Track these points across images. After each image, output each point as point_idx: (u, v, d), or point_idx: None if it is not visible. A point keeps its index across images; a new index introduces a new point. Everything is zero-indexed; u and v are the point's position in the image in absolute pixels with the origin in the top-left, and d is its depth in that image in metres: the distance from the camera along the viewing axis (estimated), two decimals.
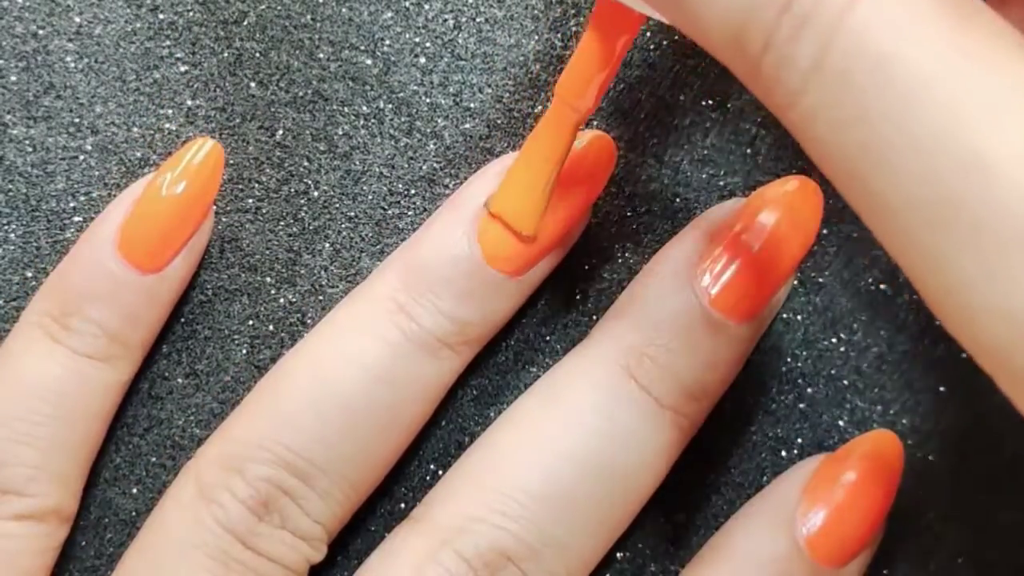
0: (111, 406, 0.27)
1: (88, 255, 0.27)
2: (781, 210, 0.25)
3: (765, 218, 0.25)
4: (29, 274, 0.28)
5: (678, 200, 0.27)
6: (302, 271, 0.28)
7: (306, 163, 0.28)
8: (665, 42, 0.28)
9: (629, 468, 0.25)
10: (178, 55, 0.29)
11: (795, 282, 0.27)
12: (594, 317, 0.27)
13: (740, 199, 0.27)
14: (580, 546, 0.24)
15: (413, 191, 0.28)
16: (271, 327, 0.28)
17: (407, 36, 0.28)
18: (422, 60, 0.28)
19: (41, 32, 0.29)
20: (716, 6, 0.18)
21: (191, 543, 0.25)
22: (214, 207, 0.28)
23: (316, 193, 0.28)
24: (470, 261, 0.25)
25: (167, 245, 0.27)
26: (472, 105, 0.28)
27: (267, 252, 0.28)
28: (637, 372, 0.25)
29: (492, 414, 0.27)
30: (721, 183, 0.27)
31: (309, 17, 0.29)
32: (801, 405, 0.27)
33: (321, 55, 0.28)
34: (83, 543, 0.28)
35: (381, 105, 0.28)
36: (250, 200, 0.28)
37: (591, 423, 0.25)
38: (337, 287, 0.28)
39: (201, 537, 0.25)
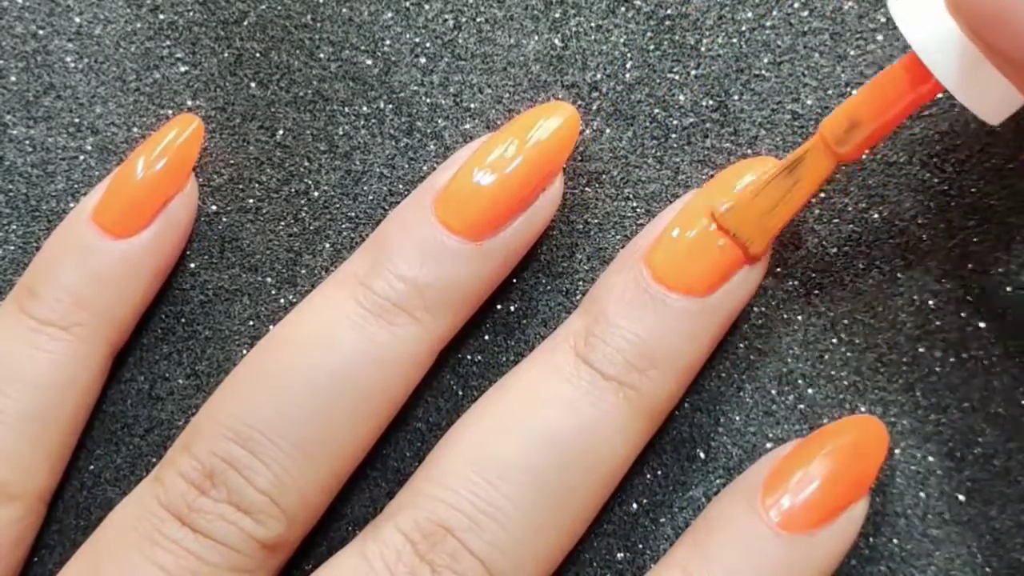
0: (80, 380, 0.27)
1: (64, 227, 0.27)
2: (734, 198, 0.25)
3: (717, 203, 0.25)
4: None
5: None
6: (302, 271, 0.28)
7: (306, 163, 0.28)
8: (666, 42, 0.28)
9: (574, 440, 0.24)
10: (178, 55, 0.29)
11: (795, 283, 0.27)
12: None
13: (697, 190, 0.27)
14: (524, 517, 0.24)
15: (413, 191, 0.28)
16: (271, 328, 0.28)
17: (407, 36, 0.28)
18: (422, 60, 0.28)
19: (41, 32, 0.29)
20: None
21: (131, 524, 0.25)
22: (213, 207, 0.28)
23: (316, 193, 0.28)
24: (424, 226, 0.25)
25: (138, 211, 0.27)
26: (472, 105, 0.28)
27: (268, 252, 0.28)
28: (583, 350, 0.25)
29: None
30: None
31: (309, 17, 0.29)
32: (801, 406, 0.27)
33: (321, 55, 0.28)
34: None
35: (381, 105, 0.28)
36: (250, 200, 0.28)
37: (533, 397, 0.25)
38: None
39: (138, 518, 0.25)
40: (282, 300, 0.28)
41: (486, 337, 0.28)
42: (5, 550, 0.26)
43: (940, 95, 0.26)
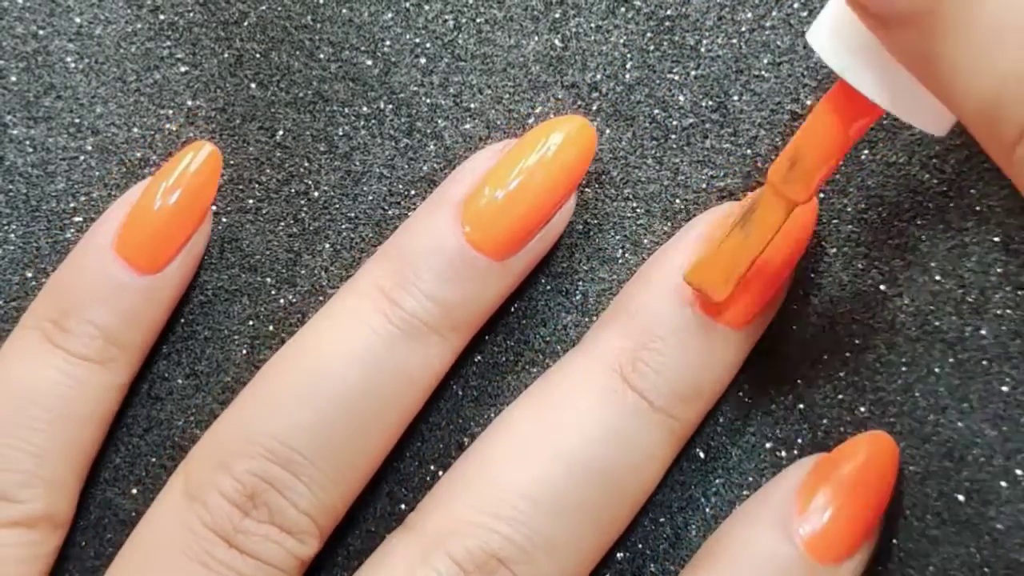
0: (108, 410, 0.27)
1: (86, 258, 0.27)
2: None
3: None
4: (29, 274, 0.29)
5: (678, 201, 0.27)
6: (302, 271, 0.28)
7: (306, 164, 0.28)
8: (665, 43, 0.28)
9: (621, 470, 0.25)
10: (178, 56, 0.29)
11: (795, 283, 0.27)
12: (594, 317, 0.27)
13: (734, 202, 0.27)
14: (574, 548, 0.24)
15: (413, 191, 0.28)
16: (271, 327, 0.28)
17: (407, 37, 0.28)
18: (422, 61, 0.28)
19: (41, 32, 0.29)
20: (969, 92, 0.19)
21: (173, 545, 0.25)
22: (213, 208, 0.28)
23: (316, 194, 0.28)
24: (452, 245, 0.25)
25: (165, 246, 0.27)
26: (472, 105, 0.28)
27: (267, 252, 0.28)
28: (630, 375, 0.25)
29: (492, 414, 0.27)
30: (721, 185, 0.27)
31: (309, 18, 0.29)
32: (800, 406, 0.27)
33: (321, 56, 0.28)
34: (83, 543, 0.28)
35: (381, 106, 0.28)
36: (250, 200, 0.28)
37: (583, 426, 0.25)
38: (337, 287, 0.28)
39: (184, 539, 0.25)
40: (282, 300, 0.28)
41: (486, 337, 0.28)
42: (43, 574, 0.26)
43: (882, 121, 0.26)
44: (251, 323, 0.28)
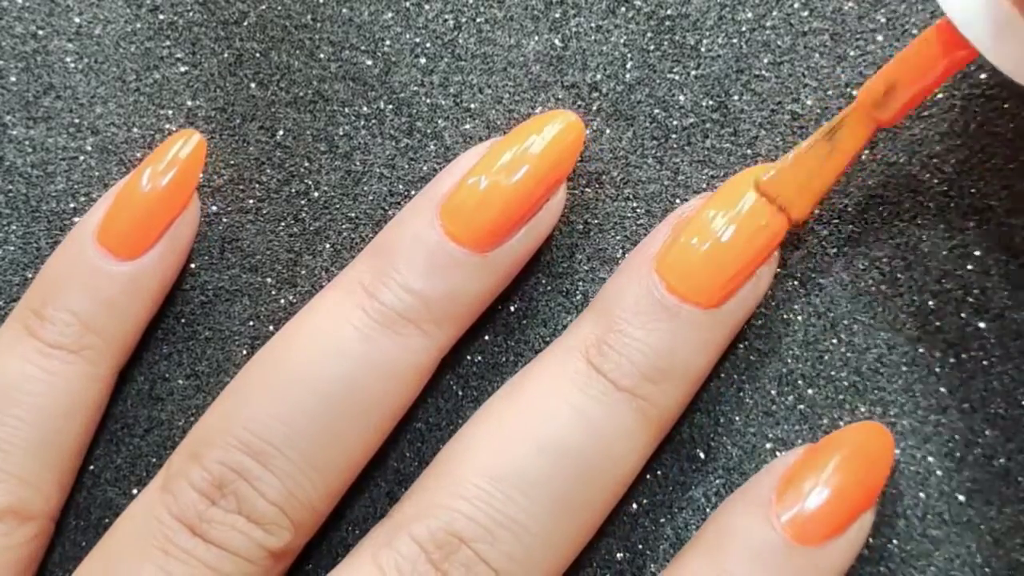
0: (89, 402, 0.27)
1: (68, 246, 0.27)
2: (743, 207, 0.25)
3: (725, 211, 0.25)
4: (29, 274, 0.29)
5: (678, 201, 0.27)
6: (303, 272, 0.28)
7: (306, 163, 0.28)
8: (666, 42, 0.28)
9: (591, 452, 0.25)
10: (178, 55, 0.29)
11: (795, 283, 0.27)
12: None
13: (708, 192, 0.27)
14: (540, 528, 0.24)
15: (413, 191, 0.28)
16: (272, 328, 0.28)
17: (407, 36, 0.28)
18: (422, 61, 0.28)
19: (41, 32, 0.29)
20: None
21: (140, 534, 0.25)
22: (214, 208, 0.28)
23: (316, 194, 0.28)
24: (432, 238, 0.25)
25: (145, 230, 0.27)
26: (472, 105, 0.28)
27: (268, 253, 0.28)
28: (595, 358, 0.25)
29: None
30: (721, 184, 0.27)
31: (309, 17, 0.29)
32: (801, 406, 0.27)
33: (321, 55, 0.28)
34: (84, 543, 0.28)
35: (381, 106, 0.28)
36: (251, 201, 0.28)
37: (550, 409, 0.25)
38: None
39: (149, 527, 0.25)
40: (282, 300, 0.28)
41: (486, 337, 0.28)
42: (21, 567, 0.26)
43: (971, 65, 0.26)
44: (251, 323, 0.28)
